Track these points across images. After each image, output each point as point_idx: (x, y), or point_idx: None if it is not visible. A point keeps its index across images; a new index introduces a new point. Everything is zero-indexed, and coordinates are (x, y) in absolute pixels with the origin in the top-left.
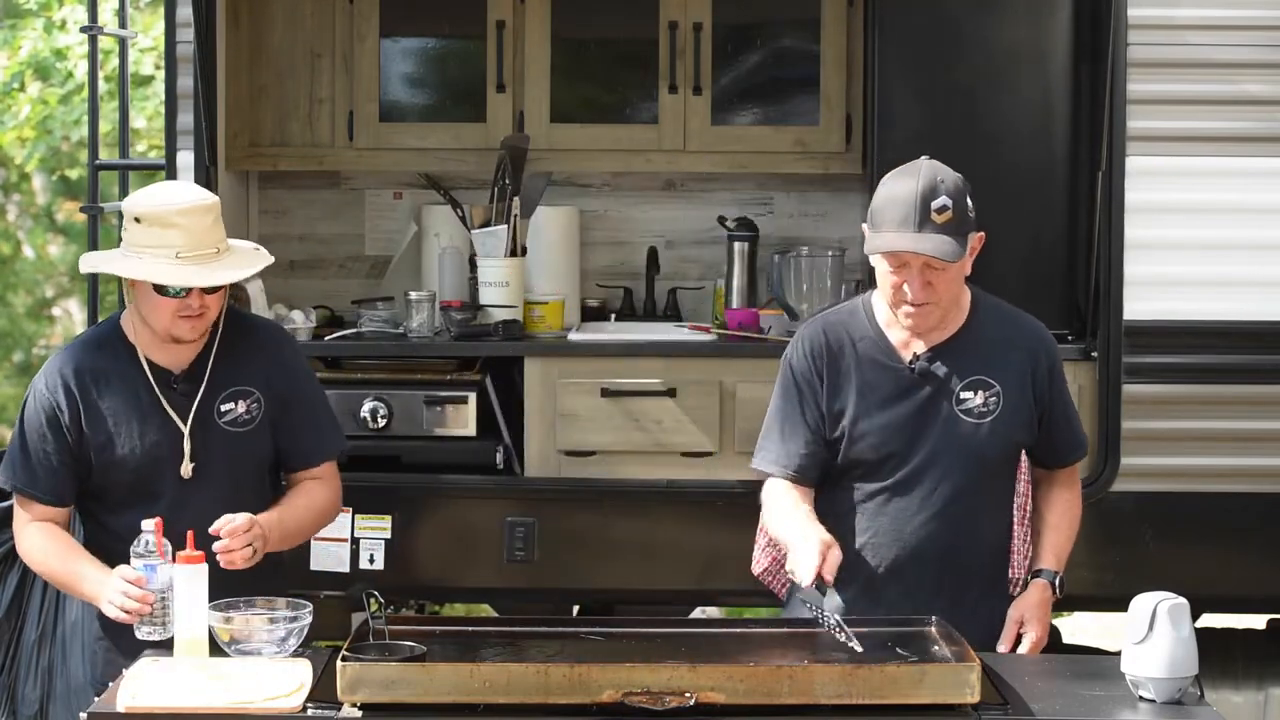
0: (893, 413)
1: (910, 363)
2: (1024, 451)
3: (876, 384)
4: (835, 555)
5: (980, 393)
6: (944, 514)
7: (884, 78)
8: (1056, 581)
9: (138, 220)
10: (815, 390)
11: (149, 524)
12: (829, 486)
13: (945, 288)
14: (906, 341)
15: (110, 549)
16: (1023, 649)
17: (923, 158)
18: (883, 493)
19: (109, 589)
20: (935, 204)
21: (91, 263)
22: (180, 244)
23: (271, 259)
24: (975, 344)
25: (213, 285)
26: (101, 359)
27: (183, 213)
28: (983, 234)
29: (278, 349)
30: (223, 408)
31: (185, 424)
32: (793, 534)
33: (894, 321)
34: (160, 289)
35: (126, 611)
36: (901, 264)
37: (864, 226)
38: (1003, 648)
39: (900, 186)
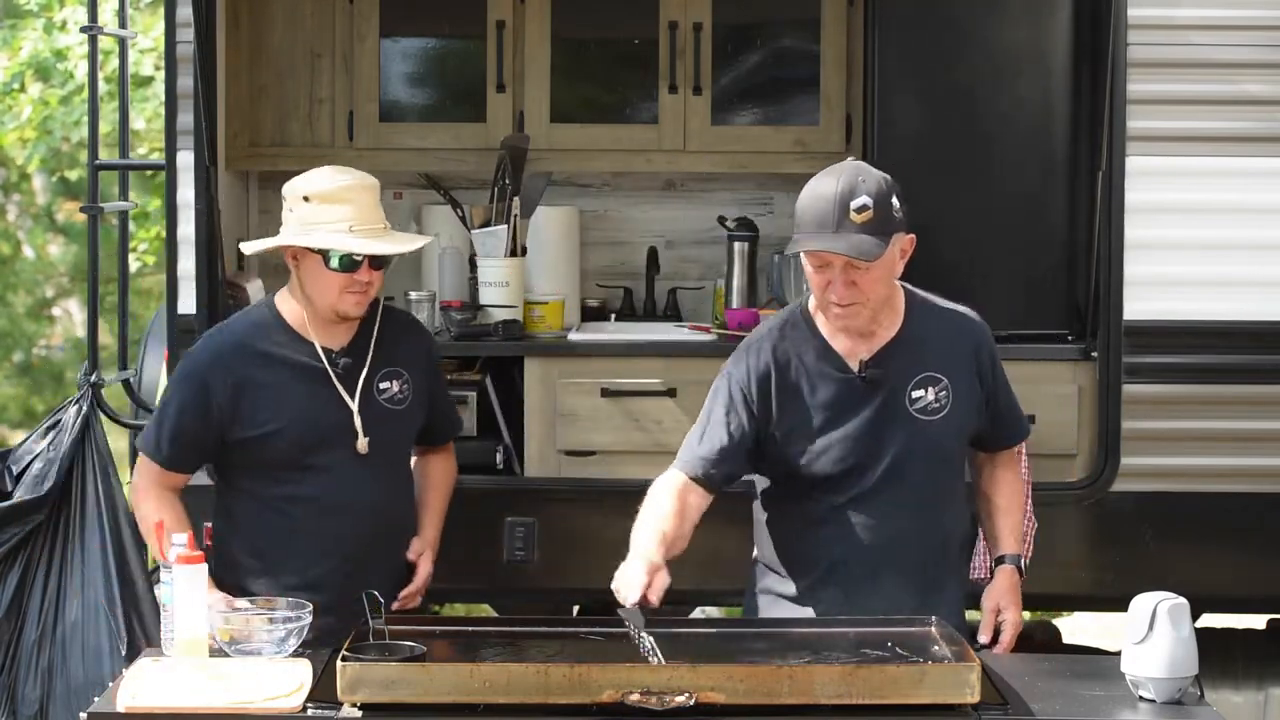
0: (850, 424)
1: (859, 371)
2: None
3: (829, 398)
4: (662, 580)
5: (931, 389)
6: (916, 514)
7: (884, 78)
8: (1021, 564)
9: (306, 199)
10: (751, 408)
11: (180, 538)
12: (797, 500)
13: (870, 287)
14: (852, 349)
15: (261, 521)
16: (1004, 636)
17: (848, 159)
18: (852, 502)
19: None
20: (854, 204)
21: (257, 245)
22: (353, 218)
23: (430, 238)
24: (917, 342)
25: (388, 254)
26: (259, 338)
27: (351, 189)
28: (913, 235)
29: (422, 336)
30: (380, 385)
31: (353, 400)
32: (633, 546)
33: (836, 330)
34: (333, 265)
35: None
36: (824, 264)
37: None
38: (984, 637)
39: (821, 188)
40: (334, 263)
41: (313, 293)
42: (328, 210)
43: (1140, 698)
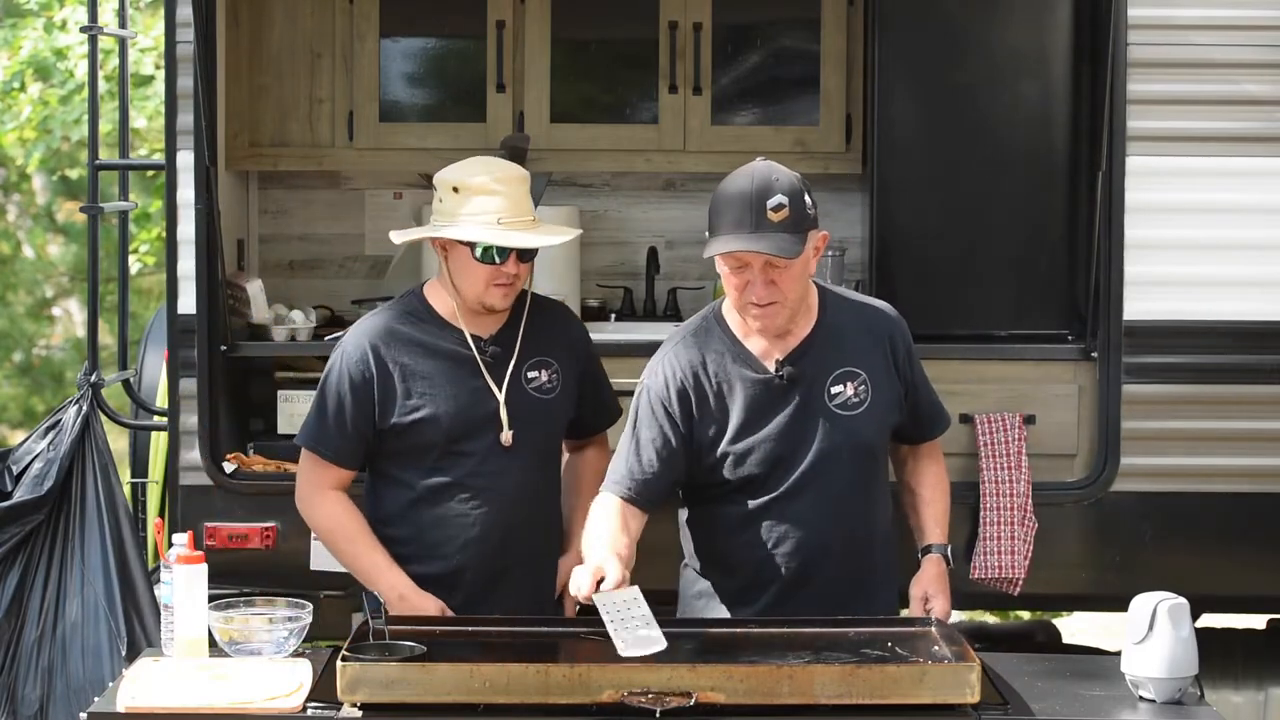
0: (770, 424)
1: (776, 370)
2: (905, 434)
3: (747, 399)
4: (612, 575)
5: (850, 384)
6: (841, 510)
7: (884, 78)
8: (947, 553)
9: (456, 190)
10: (673, 419)
11: (181, 538)
12: (720, 503)
13: (789, 286)
14: (767, 349)
15: (410, 509)
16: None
17: (758, 159)
18: (778, 502)
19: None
20: (770, 203)
21: (406, 235)
22: (502, 210)
23: (580, 231)
24: (833, 338)
25: (535, 247)
26: (409, 326)
27: (502, 181)
28: (826, 233)
29: (572, 325)
30: (529, 375)
31: (500, 391)
32: (588, 551)
33: (751, 331)
34: (480, 256)
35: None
36: (742, 265)
37: (706, 235)
38: None
39: (735, 188)
40: (480, 255)
41: (460, 284)
42: (477, 202)
43: (1140, 698)
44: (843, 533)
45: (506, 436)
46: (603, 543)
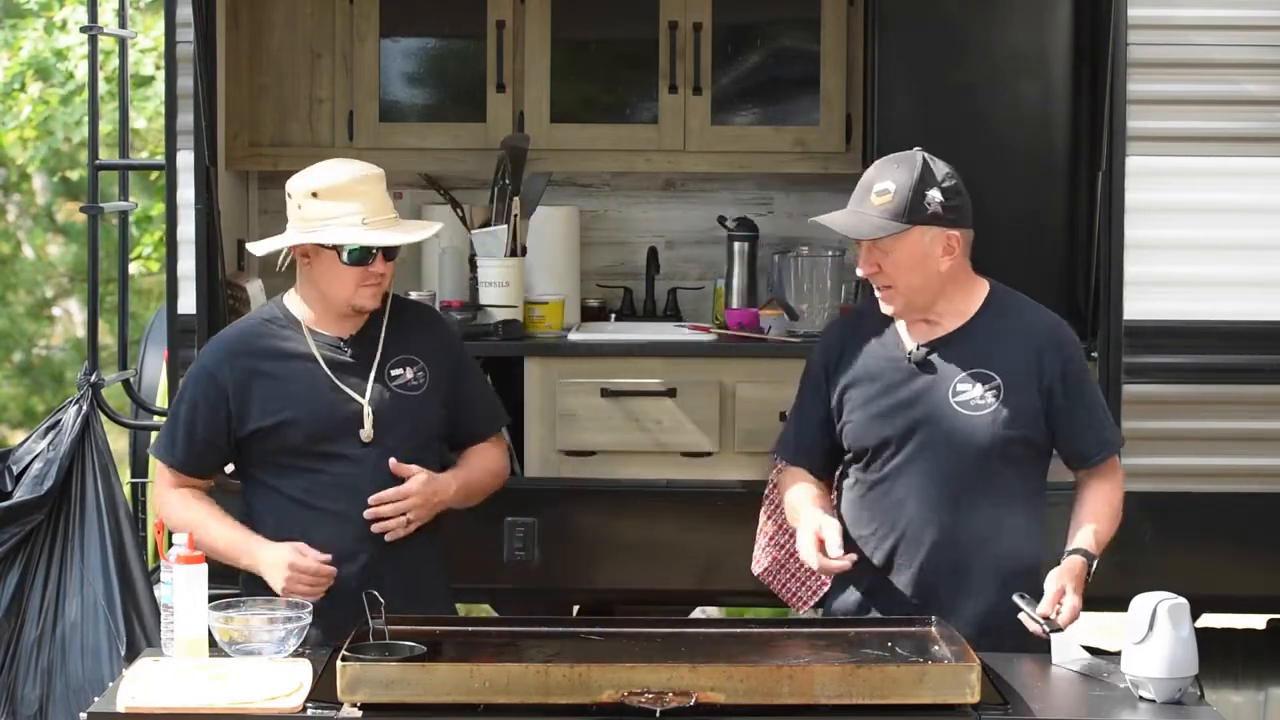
0: (886, 401)
1: (909, 353)
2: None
3: (875, 373)
4: (830, 533)
5: (980, 385)
6: (939, 506)
7: (884, 78)
8: (1093, 565)
9: (315, 195)
10: (824, 389)
11: (181, 538)
12: (843, 478)
13: (894, 272)
14: (915, 336)
15: (284, 513)
16: (1061, 618)
17: (914, 149)
18: (881, 483)
19: (278, 569)
20: (877, 187)
21: (266, 245)
22: (365, 211)
23: (441, 225)
24: (980, 337)
25: (403, 244)
26: (266, 334)
27: (361, 181)
28: (958, 233)
29: (440, 328)
30: (393, 372)
31: (363, 387)
32: (794, 518)
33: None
34: (348, 259)
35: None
36: (858, 241)
37: None
38: (1043, 611)
39: (868, 170)
40: (347, 257)
41: (327, 289)
42: (338, 205)
43: (1140, 698)
44: (937, 529)
45: (367, 432)
46: (805, 502)
